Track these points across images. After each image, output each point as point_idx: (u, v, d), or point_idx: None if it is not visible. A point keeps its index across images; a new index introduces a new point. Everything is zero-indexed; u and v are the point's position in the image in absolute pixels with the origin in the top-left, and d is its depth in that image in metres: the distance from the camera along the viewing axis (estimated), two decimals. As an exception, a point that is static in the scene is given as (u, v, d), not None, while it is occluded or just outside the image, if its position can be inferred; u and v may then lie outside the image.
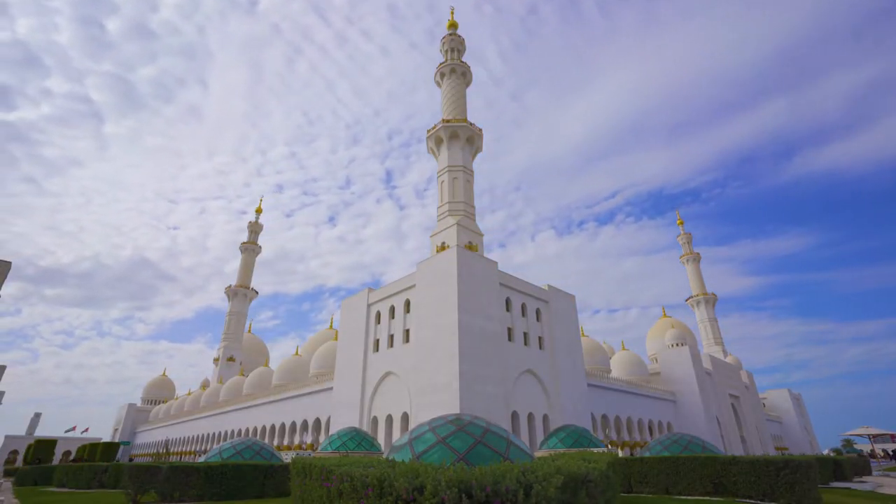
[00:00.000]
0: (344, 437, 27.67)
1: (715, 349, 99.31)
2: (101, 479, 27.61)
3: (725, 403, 70.42)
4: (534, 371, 40.11)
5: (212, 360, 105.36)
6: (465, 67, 57.54)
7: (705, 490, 17.33)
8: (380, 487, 6.01)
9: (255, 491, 18.48)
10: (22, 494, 25.80)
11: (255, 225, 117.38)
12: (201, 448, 75.72)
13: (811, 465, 15.70)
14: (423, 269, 39.21)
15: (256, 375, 71.43)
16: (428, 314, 36.89)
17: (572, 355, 45.32)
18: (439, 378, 33.59)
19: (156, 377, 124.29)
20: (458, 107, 55.00)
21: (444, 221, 46.93)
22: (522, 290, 42.35)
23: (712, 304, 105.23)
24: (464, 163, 50.30)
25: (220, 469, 17.90)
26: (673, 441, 21.74)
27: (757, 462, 16.58)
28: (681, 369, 65.63)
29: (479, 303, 36.40)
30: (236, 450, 21.86)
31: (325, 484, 7.45)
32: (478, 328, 35.26)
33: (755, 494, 16.24)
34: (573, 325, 47.57)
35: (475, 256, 38.60)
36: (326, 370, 55.88)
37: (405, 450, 10.53)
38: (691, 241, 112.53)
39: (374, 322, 44.21)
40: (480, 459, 9.53)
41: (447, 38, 60.14)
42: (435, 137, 52.19)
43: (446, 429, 10.77)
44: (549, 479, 6.04)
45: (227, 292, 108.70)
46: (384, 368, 40.50)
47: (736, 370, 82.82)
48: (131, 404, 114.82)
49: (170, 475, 17.41)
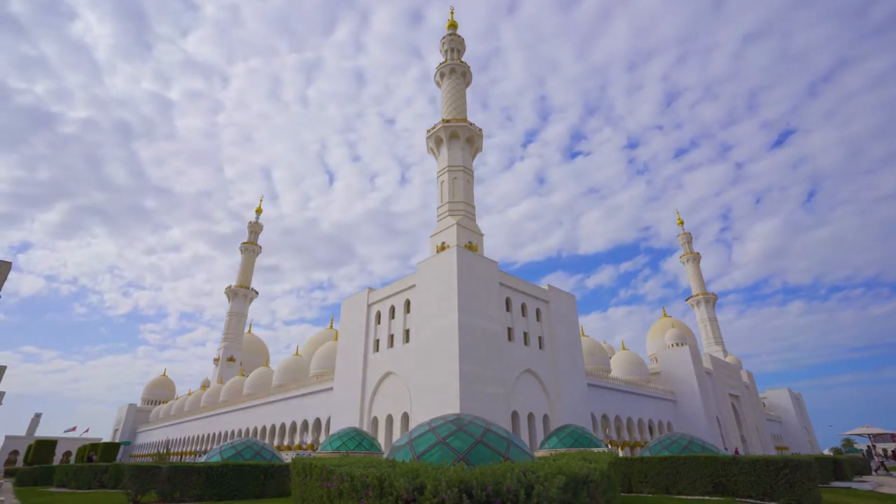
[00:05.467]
0: (344, 438, 27.65)
1: (715, 349, 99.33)
2: (102, 480, 27.62)
3: (725, 403, 70.43)
4: (534, 371, 40.12)
5: (212, 360, 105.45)
6: (464, 67, 57.55)
7: (705, 490, 17.35)
8: (380, 487, 6.01)
9: (255, 491, 18.49)
10: (22, 494, 25.82)
11: (255, 225, 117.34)
12: (201, 448, 75.71)
13: (811, 465, 15.71)
14: (423, 269, 39.21)
15: (256, 375, 71.40)
16: (428, 314, 36.89)
17: (572, 355, 45.33)
18: (439, 378, 33.59)
19: (156, 377, 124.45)
20: (457, 107, 55.00)
21: (444, 221, 46.95)
22: (522, 290, 42.36)
23: (712, 304, 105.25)
24: (464, 163, 50.32)
25: (220, 469, 17.92)
26: (673, 441, 21.76)
27: (757, 462, 16.59)
28: (681, 369, 65.67)
29: (479, 303, 36.40)
30: (236, 450, 21.87)
31: (325, 484, 7.45)
32: (478, 328, 35.27)
33: (755, 494, 16.26)
34: (573, 325, 47.58)
35: (475, 256, 38.61)
36: (326, 370, 55.88)
37: (405, 450, 10.54)
38: (691, 241, 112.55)
39: (374, 322, 44.22)
40: (481, 459, 9.53)
41: (447, 38, 60.14)
42: (435, 137, 52.20)
43: (446, 429, 10.77)
44: (551, 480, 6.04)
45: (227, 292, 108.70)
46: (384, 368, 40.51)
47: (736, 370, 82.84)
48: (131, 404, 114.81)
49: (170, 475, 17.42)
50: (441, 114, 55.93)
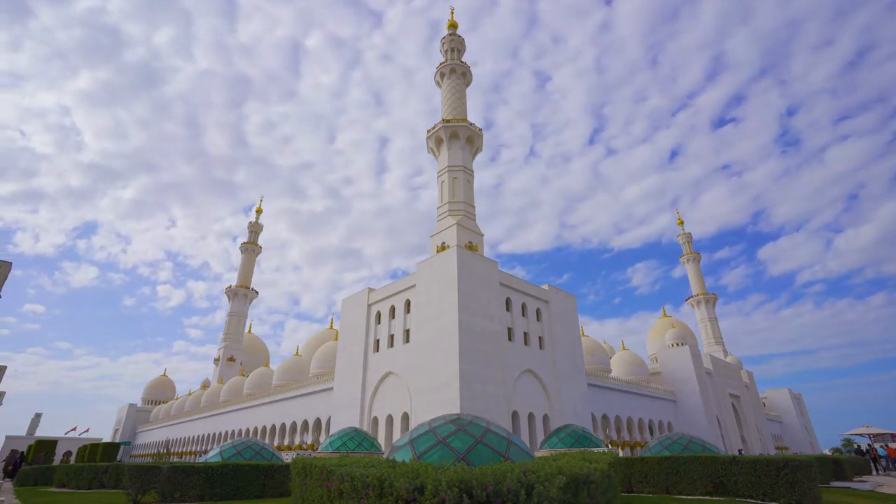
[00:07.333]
0: (344, 437, 27.64)
1: (715, 349, 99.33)
2: (102, 480, 27.60)
3: (726, 403, 70.41)
4: (534, 371, 40.11)
5: (212, 360, 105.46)
6: (465, 67, 57.54)
7: (706, 490, 17.34)
8: (380, 487, 6.00)
9: (255, 491, 18.48)
10: (22, 495, 25.81)
11: (255, 225, 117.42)
12: (202, 448, 75.71)
13: (811, 465, 15.69)
14: (424, 269, 39.21)
15: (257, 375, 71.43)
16: (428, 314, 36.89)
17: (572, 355, 45.31)
18: (439, 378, 33.59)
19: (156, 377, 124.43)
20: (457, 107, 55.01)
21: (445, 221, 46.95)
22: (522, 290, 42.35)
23: (712, 304, 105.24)
24: (464, 163, 50.33)
25: (220, 469, 17.90)
26: (673, 441, 21.75)
27: (757, 462, 16.59)
28: (681, 369, 65.66)
29: (480, 303, 36.40)
30: (237, 450, 21.86)
31: (325, 484, 7.45)
32: (478, 328, 35.27)
33: (755, 494, 16.25)
34: (573, 325, 47.57)
35: (475, 256, 38.60)
36: (326, 370, 55.88)
37: (405, 450, 10.53)
38: (691, 241, 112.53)
39: (374, 322, 44.21)
40: (481, 459, 9.53)
41: (447, 38, 60.15)
42: (435, 137, 52.20)
43: (446, 429, 10.76)
44: (552, 480, 6.03)
45: (227, 293, 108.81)
46: (384, 368, 40.50)
47: (736, 370, 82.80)
48: (132, 404, 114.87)
49: (170, 475, 17.41)
50: (441, 114, 55.95)
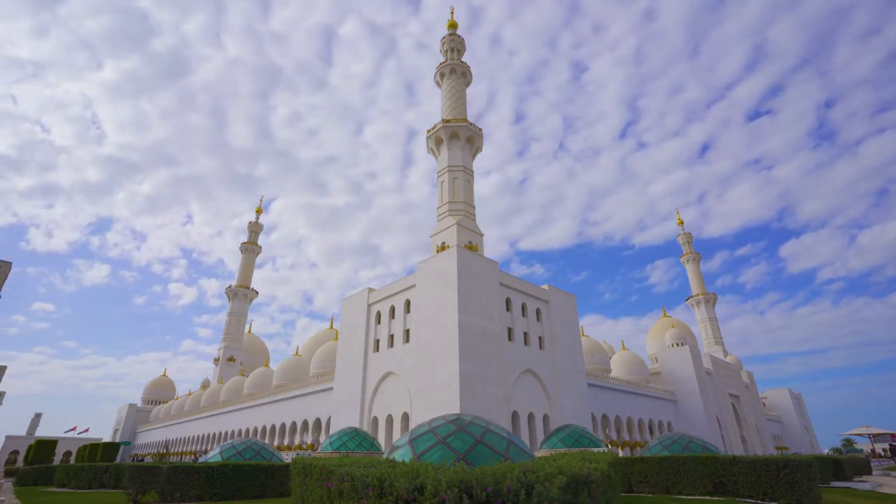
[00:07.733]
0: (344, 437, 27.64)
1: (715, 349, 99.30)
2: (102, 480, 27.62)
3: (725, 403, 70.39)
4: (534, 371, 40.10)
5: (212, 360, 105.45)
6: (464, 67, 57.54)
7: (706, 490, 17.35)
8: (380, 487, 6.00)
9: (255, 491, 18.50)
10: (23, 494, 25.81)
11: (255, 225, 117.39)
12: (201, 448, 75.71)
13: (811, 465, 15.70)
14: (424, 269, 39.20)
15: (256, 375, 71.43)
16: (428, 314, 36.89)
17: (572, 355, 45.31)
18: (439, 378, 33.59)
19: (156, 377, 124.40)
20: (457, 107, 55.00)
21: (444, 221, 46.95)
22: (522, 290, 42.34)
23: (712, 304, 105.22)
24: (464, 163, 50.32)
25: (220, 469, 17.92)
26: (673, 441, 21.76)
27: (757, 462, 16.59)
28: (681, 369, 65.64)
29: (480, 303, 36.39)
30: (237, 450, 21.87)
31: (325, 484, 7.45)
32: (478, 328, 35.26)
33: (755, 494, 16.25)
34: (573, 324, 47.56)
35: (475, 256, 38.59)
36: (326, 370, 55.87)
37: (405, 450, 10.53)
38: (691, 241, 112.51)
39: (374, 322, 44.20)
40: (481, 459, 9.53)
41: (447, 38, 60.14)
42: (435, 138, 52.19)
43: (446, 429, 10.77)
44: (552, 480, 6.03)
45: (227, 293, 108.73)
46: (384, 368, 40.49)
47: (736, 370, 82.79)
48: (132, 404, 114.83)
49: (170, 475, 17.42)
50: (441, 114, 55.94)
